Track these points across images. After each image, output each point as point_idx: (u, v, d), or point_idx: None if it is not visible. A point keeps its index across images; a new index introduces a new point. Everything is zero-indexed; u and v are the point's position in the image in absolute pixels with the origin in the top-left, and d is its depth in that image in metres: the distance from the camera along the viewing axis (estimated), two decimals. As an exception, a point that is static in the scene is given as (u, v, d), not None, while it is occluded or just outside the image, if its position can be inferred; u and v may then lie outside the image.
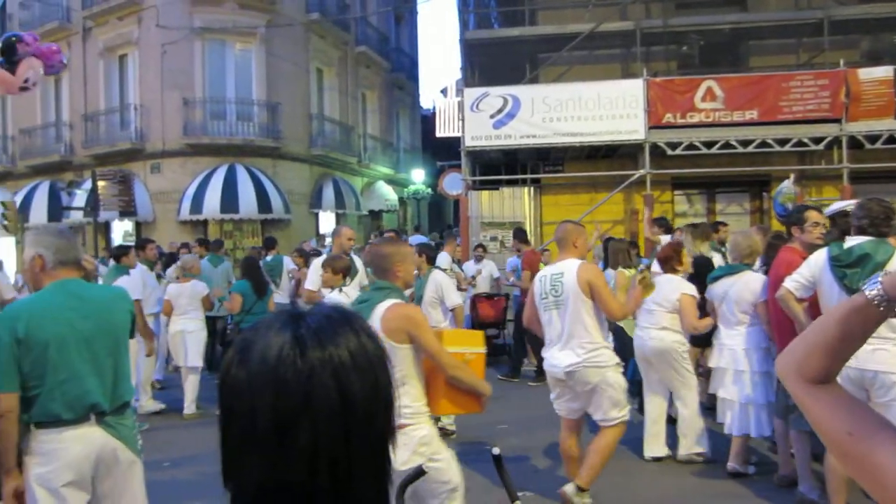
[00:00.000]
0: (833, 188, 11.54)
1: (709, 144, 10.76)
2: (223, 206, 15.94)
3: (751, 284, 4.67)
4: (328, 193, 19.01)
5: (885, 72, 10.42)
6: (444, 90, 21.44)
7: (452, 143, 17.34)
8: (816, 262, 3.89)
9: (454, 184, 13.77)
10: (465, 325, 7.65)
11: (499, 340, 9.33)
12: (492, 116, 11.09)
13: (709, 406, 5.52)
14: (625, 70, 12.60)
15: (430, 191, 24.46)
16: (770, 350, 4.62)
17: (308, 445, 0.77)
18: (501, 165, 13.12)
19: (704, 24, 12.03)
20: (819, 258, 3.89)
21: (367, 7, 22.68)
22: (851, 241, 3.78)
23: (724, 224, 9.05)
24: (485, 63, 12.90)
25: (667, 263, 5.20)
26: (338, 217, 19.87)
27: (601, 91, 11.03)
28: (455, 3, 14.59)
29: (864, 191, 9.04)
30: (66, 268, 2.71)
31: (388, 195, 22.81)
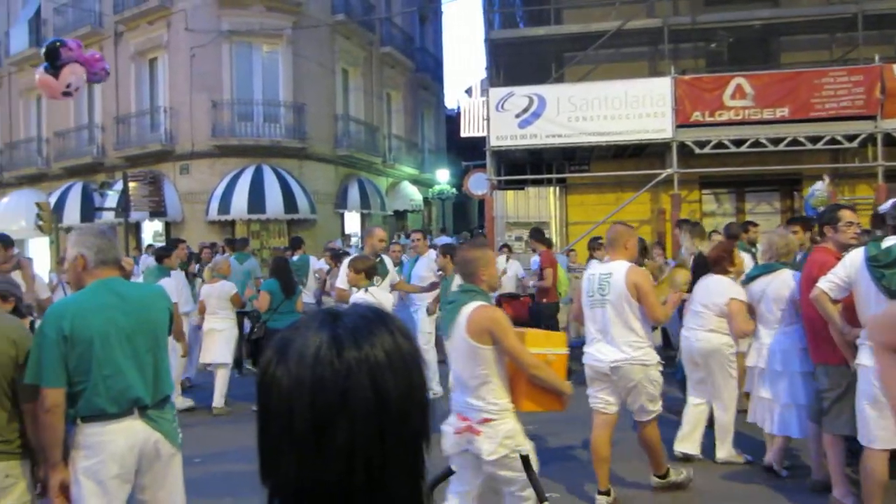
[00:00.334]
0: (867, 187, 11.30)
1: (738, 143, 10.60)
2: (250, 207, 16.14)
3: (788, 282, 4.62)
4: (353, 194, 19.13)
5: (922, 67, 10.17)
6: (469, 90, 21.42)
7: (477, 143, 17.33)
8: (853, 263, 3.82)
9: (479, 184, 13.77)
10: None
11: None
12: (517, 116, 11.06)
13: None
14: (652, 68, 12.47)
15: (455, 191, 24.46)
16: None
17: (345, 444, 0.78)
18: (526, 165, 13.08)
19: (734, 21, 11.85)
20: (855, 258, 3.82)
21: (392, 7, 22.77)
22: (889, 241, 3.70)
23: (755, 224, 8.90)
24: (510, 62, 12.87)
25: (717, 265, 5.10)
26: (363, 217, 19.99)
27: (628, 89, 10.92)
28: (480, 3, 14.59)
29: (900, 189, 8.84)
30: (107, 267, 2.80)
31: (413, 195, 22.87)
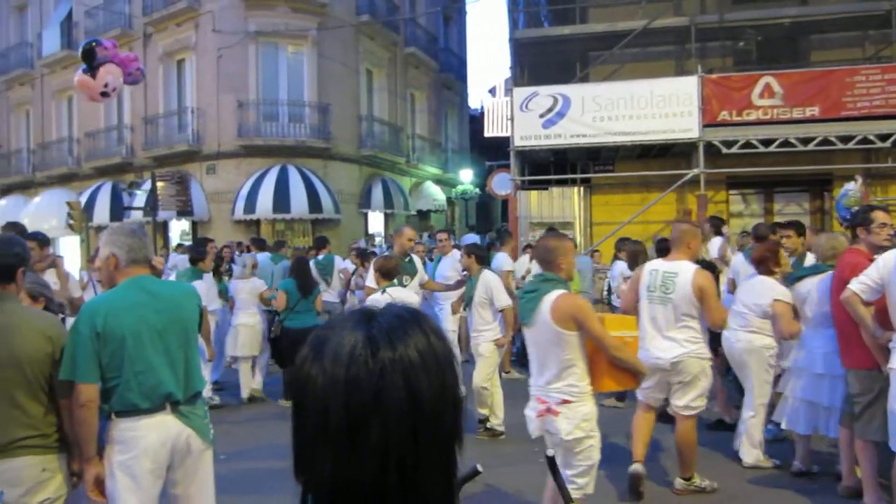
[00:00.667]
0: (900, 187, 11.05)
1: (767, 142, 10.44)
2: (275, 206, 16.29)
3: None
4: (377, 193, 19.22)
5: (959, 65, 9.92)
6: (493, 90, 21.41)
7: (501, 143, 17.31)
8: (885, 264, 3.75)
9: (503, 184, 13.74)
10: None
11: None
12: (541, 116, 11.02)
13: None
14: (678, 67, 12.34)
15: (478, 191, 24.44)
16: None
17: (378, 444, 0.78)
18: (550, 165, 13.03)
19: (762, 19, 11.67)
20: (889, 260, 3.75)
21: (417, 8, 22.82)
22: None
23: (783, 225, 8.77)
24: (534, 62, 12.82)
25: (762, 265, 5.04)
26: (386, 217, 20.07)
27: (654, 89, 10.82)
28: (505, 2, 14.56)
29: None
30: (139, 265, 2.85)
31: (437, 195, 22.91)
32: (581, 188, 13.53)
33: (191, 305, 2.98)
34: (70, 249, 16.98)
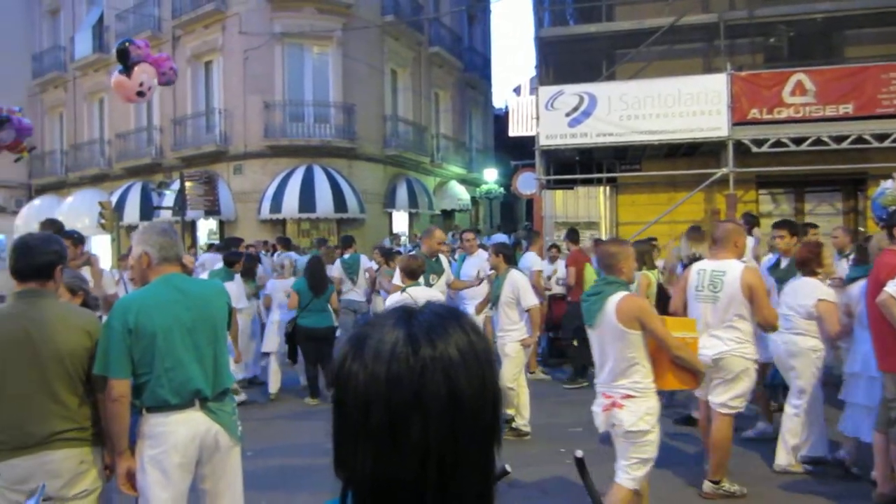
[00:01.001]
0: (938, 186, 10.74)
1: (798, 141, 10.23)
2: (301, 206, 16.43)
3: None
4: (401, 193, 19.28)
5: None
6: (517, 89, 21.31)
7: (525, 143, 17.23)
8: (924, 266, 3.65)
9: (528, 183, 13.68)
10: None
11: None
12: (567, 115, 10.94)
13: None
14: (707, 64, 12.15)
15: (503, 190, 24.37)
16: None
17: (419, 441, 0.78)
18: (576, 164, 12.92)
19: (794, 14, 11.41)
20: (928, 261, 3.65)
21: (441, 7, 22.83)
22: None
23: (814, 226, 8.61)
24: (560, 61, 12.73)
25: (805, 266, 4.96)
26: (410, 217, 20.12)
27: (681, 87, 10.67)
28: (530, 1, 14.48)
29: (975, 189, 8.35)
30: (170, 263, 2.90)
31: (461, 195, 22.90)
32: (607, 188, 13.41)
33: (220, 303, 3.02)
34: (101, 248, 17.30)
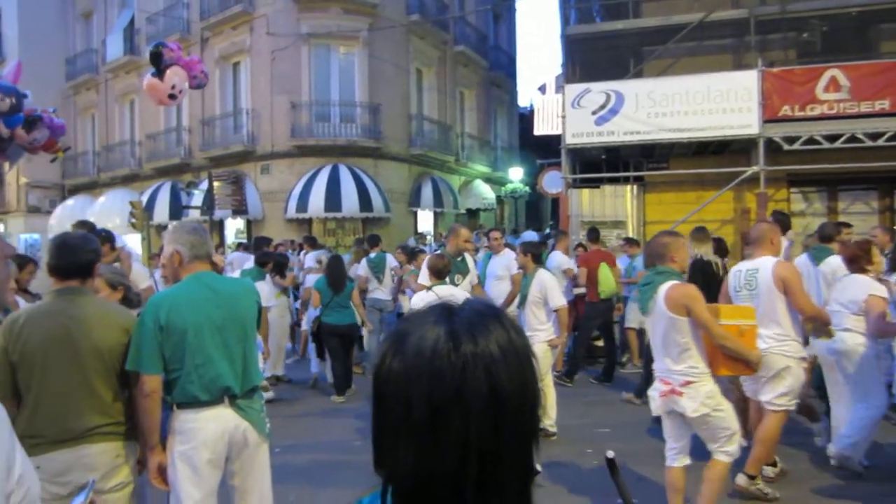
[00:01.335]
0: (978, 184, 10.43)
1: (832, 138, 10.00)
2: (327, 205, 16.54)
3: None
4: (427, 192, 19.30)
5: None
6: (543, 87, 21.21)
7: (550, 141, 17.11)
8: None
9: (554, 182, 13.59)
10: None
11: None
12: (594, 113, 10.83)
13: None
14: (737, 61, 11.94)
15: (528, 189, 24.25)
16: None
17: (460, 437, 0.79)
18: (603, 163, 12.80)
19: (828, 8, 11.16)
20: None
21: (466, 6, 22.80)
22: None
23: (848, 225, 8.38)
24: (586, 58, 12.62)
25: (854, 263, 4.89)
26: (435, 216, 20.12)
27: (711, 84, 10.49)
28: (555, -1, 14.36)
29: None
30: (200, 261, 2.94)
31: (486, 194, 22.85)
32: (634, 186, 13.25)
33: (249, 302, 3.04)
34: (132, 247, 17.60)
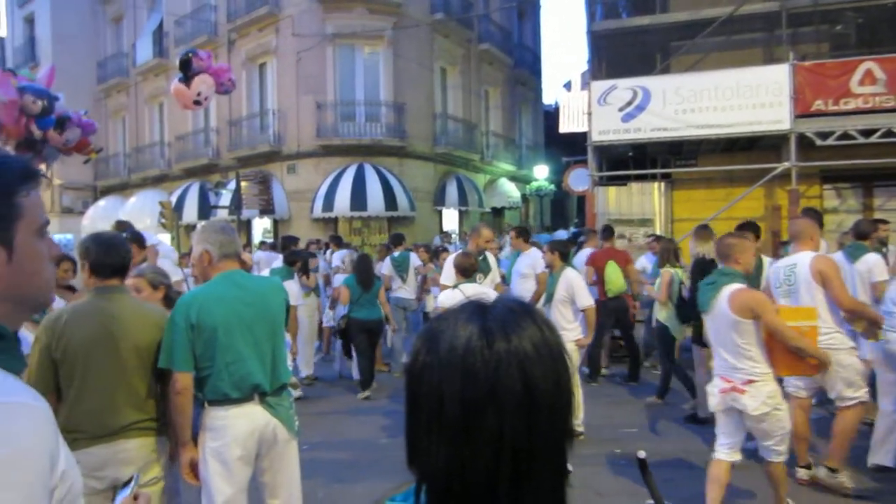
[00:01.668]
0: None
1: (867, 133, 9.75)
2: (352, 204, 16.64)
3: None
4: (451, 191, 19.29)
5: None
6: (568, 84, 21.07)
7: (576, 139, 16.96)
8: None
9: (580, 180, 13.48)
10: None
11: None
12: (620, 109, 10.73)
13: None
14: (767, 55, 11.72)
15: (553, 187, 24.10)
16: None
17: (493, 435, 0.78)
18: (629, 160, 12.66)
19: (863, 0, 10.90)
20: None
21: (490, 4, 22.72)
22: None
23: (885, 222, 8.17)
24: (612, 55, 12.49)
25: None
26: (460, 214, 20.11)
27: (740, 79, 10.31)
28: (581, -5, 14.23)
29: None
30: (229, 260, 2.98)
31: (511, 192, 22.76)
32: (661, 183, 13.10)
33: (278, 300, 3.07)
34: (169, 247, 17.87)
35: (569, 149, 21.27)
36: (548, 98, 29.55)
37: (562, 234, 13.19)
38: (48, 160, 5.37)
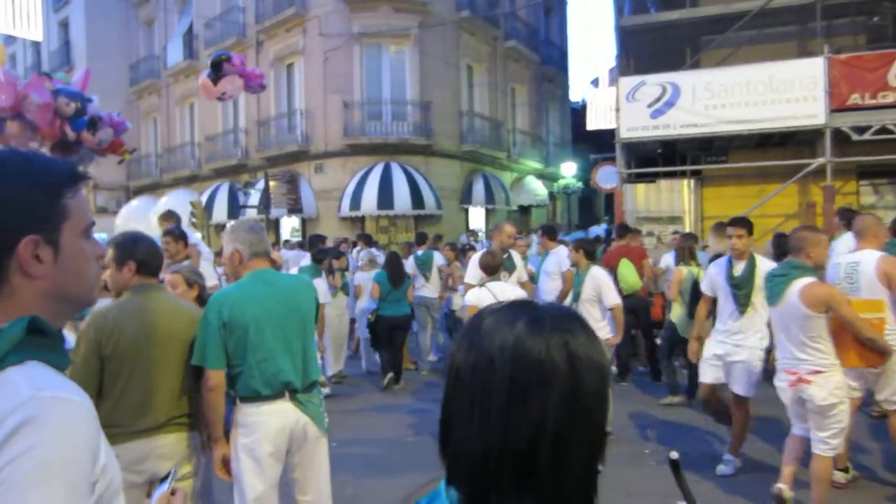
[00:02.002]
0: None
1: (905, 127, 9.51)
2: (379, 203, 16.71)
3: None
4: (478, 189, 19.26)
5: None
6: (595, 81, 20.87)
7: (603, 136, 16.82)
8: None
9: (608, 177, 13.36)
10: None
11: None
12: (649, 106, 10.61)
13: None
14: (801, 48, 11.48)
15: (581, 185, 23.91)
16: None
17: (536, 419, 0.81)
18: (658, 157, 12.51)
19: (901, -9, 10.62)
20: None
21: (517, 0, 22.61)
22: None
23: (924, 217, 7.96)
24: (641, 50, 12.35)
25: None
26: (487, 212, 20.06)
27: (773, 73, 10.12)
28: (609, -10, 14.09)
29: None
30: (259, 258, 3.01)
31: (538, 190, 22.63)
32: (691, 181, 12.92)
33: (308, 298, 3.09)
34: (207, 248, 18.16)
35: (596, 146, 21.10)
36: (575, 95, 29.36)
37: (597, 231, 13.08)
38: (85, 161, 5.51)
